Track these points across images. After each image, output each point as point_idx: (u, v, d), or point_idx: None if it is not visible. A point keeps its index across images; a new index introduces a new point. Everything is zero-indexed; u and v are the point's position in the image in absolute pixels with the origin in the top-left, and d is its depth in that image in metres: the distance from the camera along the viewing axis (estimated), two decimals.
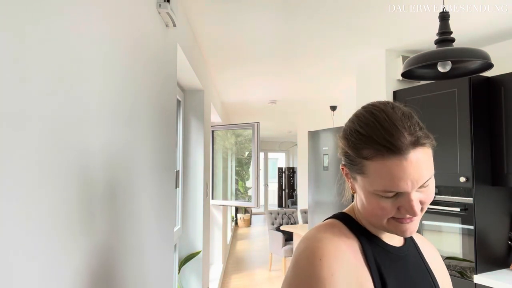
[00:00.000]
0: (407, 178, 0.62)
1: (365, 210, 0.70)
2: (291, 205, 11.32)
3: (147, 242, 1.37)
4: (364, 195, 0.69)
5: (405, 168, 0.62)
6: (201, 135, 3.11)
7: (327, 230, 0.72)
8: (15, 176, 0.59)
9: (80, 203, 0.82)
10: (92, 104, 0.88)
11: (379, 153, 0.63)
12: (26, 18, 0.62)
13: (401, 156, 0.62)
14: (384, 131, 0.64)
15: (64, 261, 0.75)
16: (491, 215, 2.30)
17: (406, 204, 0.65)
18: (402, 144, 0.62)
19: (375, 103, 0.71)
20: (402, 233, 0.68)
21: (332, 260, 0.65)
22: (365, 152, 0.65)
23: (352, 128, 0.69)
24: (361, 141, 0.66)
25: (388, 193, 0.65)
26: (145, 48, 1.33)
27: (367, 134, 0.65)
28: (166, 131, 1.68)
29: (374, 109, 0.69)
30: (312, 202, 4.05)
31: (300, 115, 6.56)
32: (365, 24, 2.34)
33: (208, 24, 2.37)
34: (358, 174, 0.68)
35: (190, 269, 3.01)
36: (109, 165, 0.99)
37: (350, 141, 0.68)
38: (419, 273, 0.75)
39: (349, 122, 0.73)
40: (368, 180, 0.65)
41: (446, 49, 1.39)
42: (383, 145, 0.63)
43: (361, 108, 0.73)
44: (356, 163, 0.67)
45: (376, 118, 0.66)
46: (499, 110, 2.28)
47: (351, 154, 0.68)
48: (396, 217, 0.67)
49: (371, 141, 0.64)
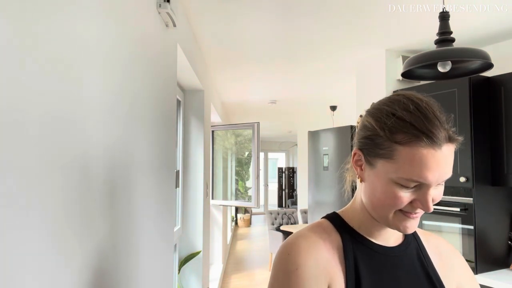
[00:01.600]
0: (435, 170, 0.62)
1: (376, 199, 0.68)
2: (291, 205, 11.32)
3: (147, 242, 1.37)
4: (380, 182, 0.67)
5: (437, 160, 0.62)
6: (201, 135, 3.11)
7: (311, 229, 0.74)
8: (14, 176, 0.59)
9: (80, 203, 0.82)
10: (92, 104, 0.88)
11: (417, 139, 0.62)
12: (26, 17, 0.62)
13: (436, 147, 0.62)
14: (426, 119, 0.63)
15: (63, 261, 0.75)
16: (491, 215, 2.30)
17: (422, 197, 0.64)
18: (440, 135, 0.63)
19: (410, 92, 0.70)
20: (405, 228, 0.68)
21: (300, 254, 0.67)
22: (400, 137, 0.64)
23: (388, 111, 0.67)
24: (398, 125, 0.65)
25: (410, 183, 0.64)
26: (145, 48, 1.33)
27: (407, 119, 0.64)
28: (166, 131, 1.68)
29: (413, 97, 0.68)
30: (312, 202, 4.06)
31: (300, 115, 6.56)
32: (365, 24, 2.34)
33: (208, 24, 2.37)
34: (383, 159, 0.66)
35: (190, 269, 3.01)
36: (109, 165, 0.99)
37: (385, 123, 0.67)
38: (412, 275, 0.73)
39: (382, 105, 0.71)
40: (395, 166, 0.64)
41: (446, 49, 1.39)
42: (422, 131, 0.62)
43: (394, 94, 0.72)
44: (385, 146, 0.66)
45: (417, 106, 0.66)
46: (499, 110, 2.28)
47: (382, 136, 0.66)
48: (405, 210, 0.67)
49: (410, 126, 0.63)
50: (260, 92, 4.58)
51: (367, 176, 0.71)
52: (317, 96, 4.72)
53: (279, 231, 5.52)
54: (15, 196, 0.59)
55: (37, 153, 0.65)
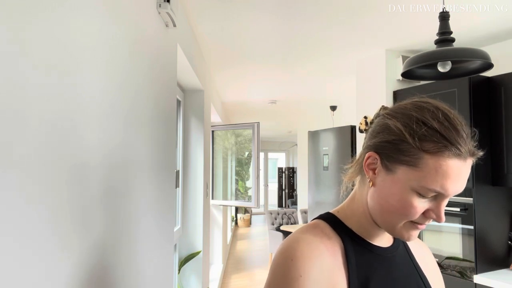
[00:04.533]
0: (457, 182, 0.63)
1: (388, 205, 0.67)
2: (291, 205, 11.32)
3: (147, 242, 1.37)
4: (398, 189, 0.66)
5: (461, 172, 0.63)
6: (201, 135, 3.11)
7: (308, 231, 0.71)
8: (13, 175, 0.59)
9: (79, 203, 0.82)
10: (91, 104, 0.88)
11: (445, 150, 0.62)
12: (26, 17, 0.62)
13: (462, 159, 0.63)
14: (455, 131, 0.64)
15: (61, 262, 0.75)
16: (491, 215, 2.30)
17: (436, 208, 0.65)
18: (466, 148, 0.63)
19: (436, 101, 0.69)
20: (409, 237, 0.68)
21: (303, 261, 0.65)
22: (429, 146, 0.63)
23: (419, 118, 0.66)
24: (428, 133, 0.64)
25: (430, 193, 0.64)
26: (145, 48, 1.33)
27: (438, 129, 0.64)
28: (166, 131, 1.68)
29: (442, 107, 0.67)
30: (312, 202, 4.06)
31: (300, 115, 6.56)
32: (365, 24, 2.34)
33: (208, 24, 2.37)
34: (406, 166, 0.65)
35: (190, 269, 3.01)
36: (108, 165, 0.99)
37: (414, 130, 0.65)
38: (407, 273, 0.74)
39: (409, 110, 0.68)
40: (419, 175, 0.64)
41: (446, 49, 1.39)
42: (452, 143, 0.62)
43: (419, 101, 0.70)
44: (411, 153, 0.65)
45: (446, 116, 0.65)
46: (499, 110, 2.28)
47: (410, 142, 0.65)
48: (416, 221, 0.67)
49: (440, 136, 0.63)
50: (260, 92, 4.58)
51: (381, 181, 0.69)
52: (317, 96, 4.72)
53: (279, 231, 5.53)
54: (12, 195, 0.59)
55: (36, 152, 0.65)
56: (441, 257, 2.40)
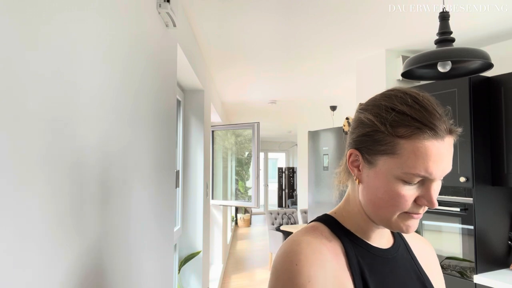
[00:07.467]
0: (439, 163, 0.62)
1: (378, 199, 0.67)
2: (291, 205, 11.32)
3: (147, 242, 1.37)
4: (382, 181, 0.65)
5: (441, 152, 0.62)
6: (201, 135, 3.11)
7: (308, 233, 0.70)
8: (10, 174, 0.59)
9: (78, 203, 0.82)
10: (91, 103, 0.88)
11: (419, 132, 0.62)
12: (26, 17, 0.62)
13: (439, 139, 0.62)
14: (426, 112, 0.63)
15: (58, 261, 0.75)
16: (491, 215, 2.30)
17: (426, 193, 0.64)
18: (441, 126, 0.62)
19: (404, 87, 0.70)
20: (407, 228, 0.67)
21: (309, 265, 0.63)
22: (403, 130, 0.63)
23: (387, 106, 0.66)
24: (399, 119, 0.64)
25: (415, 178, 0.63)
26: (145, 48, 1.33)
27: (408, 113, 0.64)
28: (166, 131, 1.68)
29: (409, 91, 0.67)
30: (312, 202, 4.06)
31: (300, 115, 6.56)
32: (365, 24, 2.34)
33: (208, 24, 2.37)
34: (385, 155, 0.65)
35: (190, 269, 3.01)
36: (108, 164, 0.99)
37: (385, 118, 0.65)
38: (409, 275, 0.73)
39: (378, 100, 0.69)
40: (399, 161, 0.63)
41: (446, 49, 1.39)
42: (424, 124, 0.62)
43: (388, 90, 0.70)
44: (386, 142, 0.64)
45: (415, 99, 0.65)
46: (499, 110, 2.28)
47: (383, 131, 0.65)
48: (410, 211, 0.65)
49: (412, 119, 0.63)
50: (260, 92, 4.58)
51: (366, 177, 0.68)
52: (317, 96, 4.72)
53: (279, 231, 5.53)
54: (10, 195, 0.59)
55: (35, 151, 0.65)
56: (441, 257, 2.40)
